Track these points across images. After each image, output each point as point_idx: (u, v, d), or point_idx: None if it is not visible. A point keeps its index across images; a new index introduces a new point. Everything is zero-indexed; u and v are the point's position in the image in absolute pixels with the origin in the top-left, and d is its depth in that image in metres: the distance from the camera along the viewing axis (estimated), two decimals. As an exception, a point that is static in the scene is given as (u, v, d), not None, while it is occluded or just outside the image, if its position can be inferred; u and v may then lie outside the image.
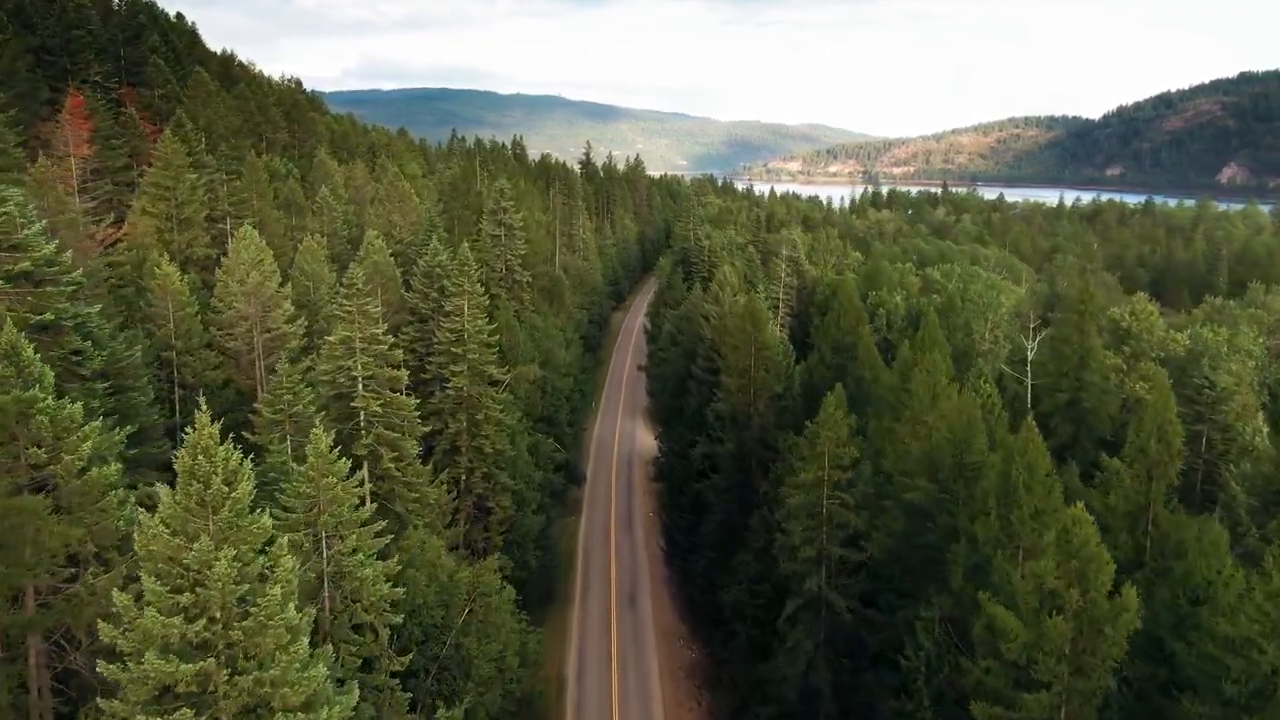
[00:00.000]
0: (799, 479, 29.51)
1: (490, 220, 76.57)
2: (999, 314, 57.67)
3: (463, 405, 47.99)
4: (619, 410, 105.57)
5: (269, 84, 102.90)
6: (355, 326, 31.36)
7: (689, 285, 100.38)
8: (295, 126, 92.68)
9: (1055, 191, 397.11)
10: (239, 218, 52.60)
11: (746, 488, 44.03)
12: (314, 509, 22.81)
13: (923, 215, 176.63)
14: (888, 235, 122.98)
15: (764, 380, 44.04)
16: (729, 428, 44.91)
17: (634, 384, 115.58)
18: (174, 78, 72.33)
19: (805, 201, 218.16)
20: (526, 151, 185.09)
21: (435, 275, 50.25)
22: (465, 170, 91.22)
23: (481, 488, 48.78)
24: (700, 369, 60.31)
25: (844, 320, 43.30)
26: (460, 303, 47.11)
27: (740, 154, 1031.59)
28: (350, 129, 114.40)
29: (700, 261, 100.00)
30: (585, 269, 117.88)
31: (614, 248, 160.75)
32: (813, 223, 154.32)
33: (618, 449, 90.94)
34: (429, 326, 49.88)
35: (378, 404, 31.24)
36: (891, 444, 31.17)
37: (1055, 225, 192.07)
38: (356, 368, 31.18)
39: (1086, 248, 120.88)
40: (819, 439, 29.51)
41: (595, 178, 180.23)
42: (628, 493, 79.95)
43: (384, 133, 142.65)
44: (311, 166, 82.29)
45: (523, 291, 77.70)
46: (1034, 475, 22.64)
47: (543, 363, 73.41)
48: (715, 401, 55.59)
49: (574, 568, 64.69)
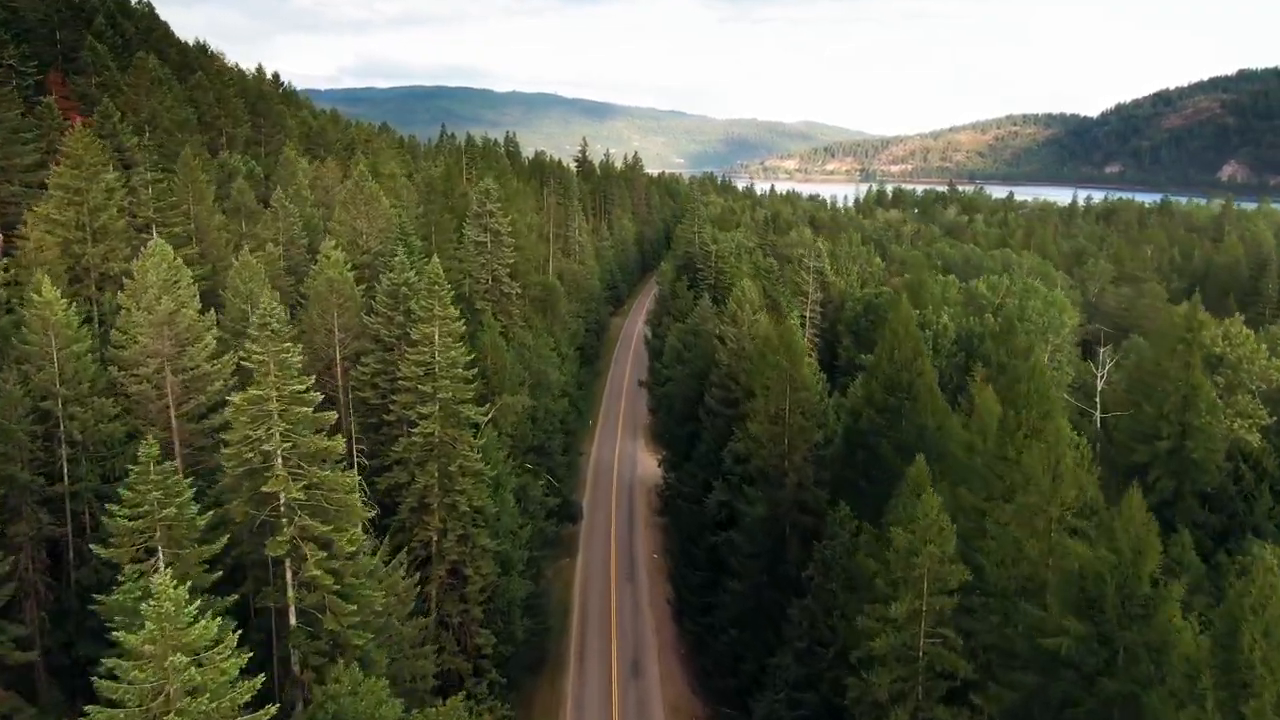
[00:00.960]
0: (885, 611, 21.12)
1: (475, 225, 68.08)
2: (1062, 336, 49.71)
3: (433, 453, 39.62)
4: (618, 428, 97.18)
5: (236, 75, 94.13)
6: (270, 381, 23.00)
7: (695, 294, 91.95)
8: (261, 121, 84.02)
9: (1055, 189, 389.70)
10: (167, 226, 44.13)
11: (779, 558, 35.84)
12: (159, 698, 14.41)
13: (933, 215, 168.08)
14: (904, 238, 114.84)
15: (801, 428, 35.82)
16: (758, 483, 36.66)
17: (634, 398, 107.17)
18: (115, 64, 63.72)
19: (810, 201, 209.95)
20: (520, 149, 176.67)
21: (401, 296, 41.81)
22: (449, 169, 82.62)
23: (457, 553, 40.41)
24: (715, 399, 51.99)
25: (899, 352, 35.08)
26: (429, 330, 38.69)
27: (737, 152, 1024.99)
28: (329, 124, 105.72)
29: (706, 268, 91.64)
30: (581, 274, 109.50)
31: (612, 250, 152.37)
32: (820, 223, 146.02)
33: (618, 474, 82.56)
34: (394, 356, 41.50)
35: (300, 487, 22.90)
36: (997, 542, 22.92)
37: (1071, 225, 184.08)
38: (271, 439, 22.83)
39: (1119, 251, 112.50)
40: (916, 560, 21.09)
41: (592, 176, 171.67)
42: (629, 527, 71.59)
43: (366, 128, 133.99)
44: (277, 165, 73.72)
45: (511, 305, 69.25)
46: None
47: (534, 385, 65.05)
48: (734, 440, 47.31)
49: (569, 625, 56.27)
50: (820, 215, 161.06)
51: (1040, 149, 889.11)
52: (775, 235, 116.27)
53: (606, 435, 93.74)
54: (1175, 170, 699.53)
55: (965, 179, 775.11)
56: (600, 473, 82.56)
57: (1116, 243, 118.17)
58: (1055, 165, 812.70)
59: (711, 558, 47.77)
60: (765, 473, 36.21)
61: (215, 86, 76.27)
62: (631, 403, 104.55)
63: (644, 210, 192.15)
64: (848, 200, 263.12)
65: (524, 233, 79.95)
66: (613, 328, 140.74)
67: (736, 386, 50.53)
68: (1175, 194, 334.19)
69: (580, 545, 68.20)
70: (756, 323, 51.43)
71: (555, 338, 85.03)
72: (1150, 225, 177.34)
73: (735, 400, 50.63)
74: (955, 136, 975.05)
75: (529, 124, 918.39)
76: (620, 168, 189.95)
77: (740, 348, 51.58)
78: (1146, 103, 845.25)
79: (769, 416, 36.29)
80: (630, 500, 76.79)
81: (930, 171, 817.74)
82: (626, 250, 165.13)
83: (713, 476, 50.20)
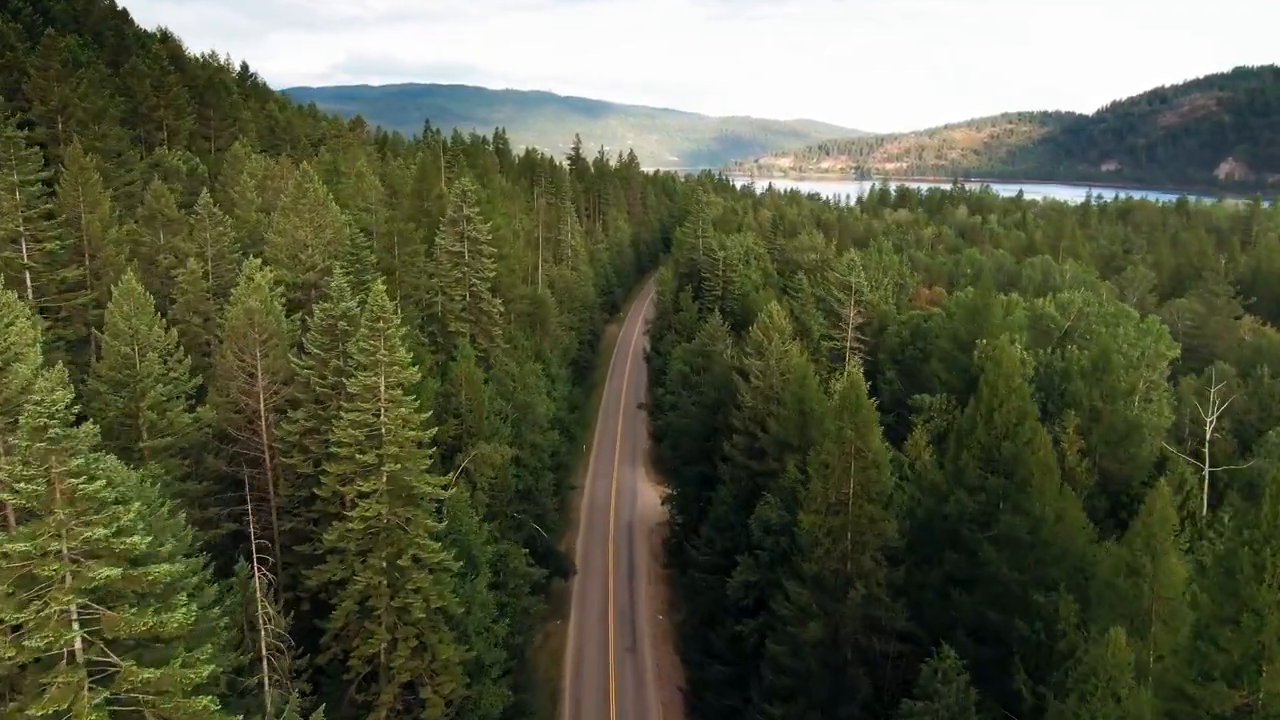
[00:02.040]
0: None
1: (450, 233, 58.50)
2: (1157, 371, 40.71)
3: (379, 541, 30.14)
4: (615, 454, 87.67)
5: (185, 61, 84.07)
6: (51, 525, 13.60)
7: (700, 306, 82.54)
8: (211, 113, 74.17)
9: (1051, 187, 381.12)
10: (40, 241, 34.39)
11: (838, 692, 26.51)
12: None
13: (944, 215, 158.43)
14: (923, 242, 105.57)
15: (871, 519, 26.50)
16: (809, 588, 27.23)
17: (633, 418, 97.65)
18: (21, 45, 53.87)
19: (814, 200, 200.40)
20: (511, 146, 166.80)
21: (339, 332, 32.27)
22: (424, 168, 72.90)
23: (411, 669, 30.93)
24: (737, 448, 42.63)
25: (1000, 413, 25.86)
26: (374, 380, 29.18)
27: (730, 150, 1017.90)
28: (297, 118, 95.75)
29: (713, 276, 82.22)
30: (574, 281, 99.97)
31: (607, 252, 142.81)
32: (827, 225, 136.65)
33: (615, 512, 73.04)
34: (330, 411, 31.98)
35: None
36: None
37: (1087, 226, 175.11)
38: (62, 595, 13.41)
39: (1160, 256, 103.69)
40: None
41: (586, 175, 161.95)
42: (629, 580, 62.08)
43: (338, 123, 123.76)
44: (223, 163, 63.94)
45: (493, 324, 59.70)
46: None
47: (519, 420, 55.58)
48: (763, 504, 38.07)
49: (558, 716, 46.78)
50: (826, 216, 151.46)
51: (1036, 147, 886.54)
52: (783, 238, 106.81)
53: (603, 463, 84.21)
54: (1172, 168, 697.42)
55: (961, 177, 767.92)
56: (595, 510, 73.07)
57: (1160, 249, 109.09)
58: (1051, 163, 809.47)
59: (735, 649, 38.40)
60: (821, 579, 26.82)
61: (154, 73, 66.33)
62: (630, 424, 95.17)
63: (640, 210, 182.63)
64: (849, 199, 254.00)
65: (509, 239, 70.40)
66: (608, 337, 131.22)
67: (763, 434, 41.16)
68: (1174, 193, 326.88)
69: (572, 604, 58.68)
70: (786, 355, 42.06)
71: (545, 358, 75.56)
72: (1171, 226, 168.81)
73: (761, 451, 41.29)
74: (950, 134, 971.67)
75: (523, 122, 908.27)
76: (615, 166, 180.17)
77: (768, 385, 42.23)
78: (1142, 100, 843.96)
79: (824, 502, 27.00)
80: (630, 544, 67.35)
81: (925, 169, 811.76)
82: (622, 253, 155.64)
83: (735, 545, 40.86)
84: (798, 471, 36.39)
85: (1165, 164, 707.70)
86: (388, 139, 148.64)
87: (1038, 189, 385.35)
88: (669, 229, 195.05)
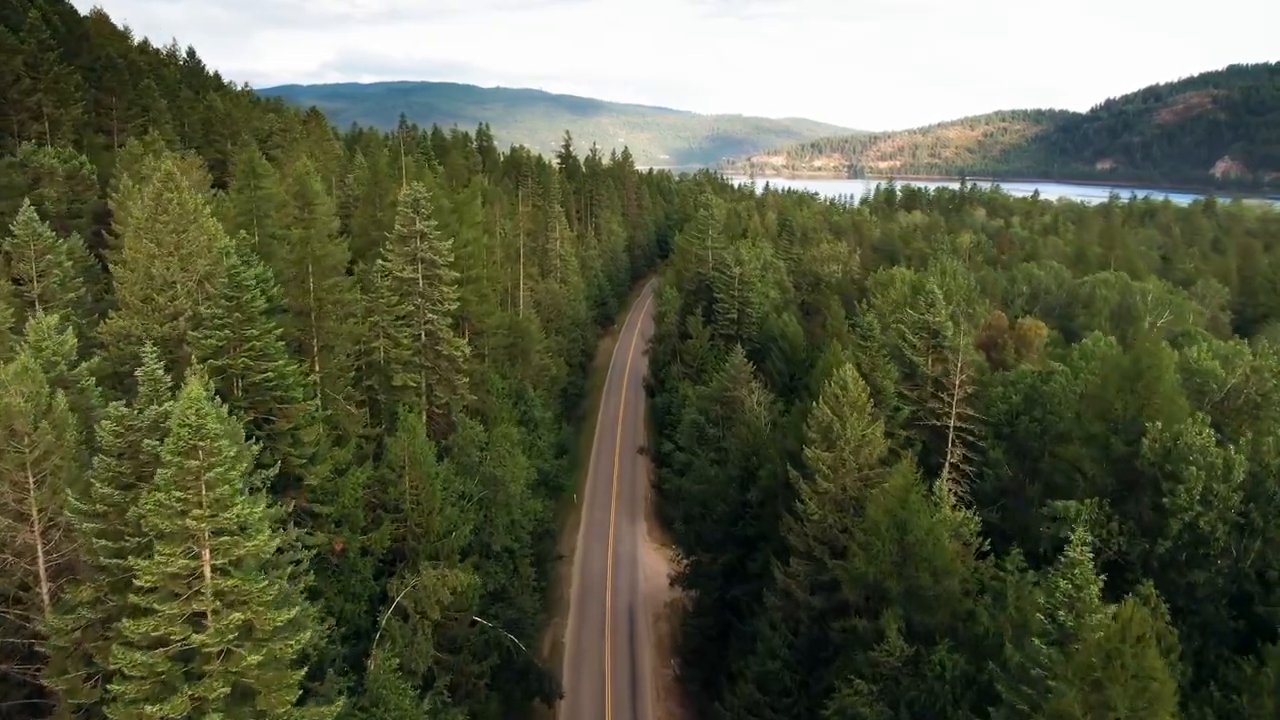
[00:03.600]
0: None
1: (397, 253, 44.81)
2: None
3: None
4: (611, 505, 73.81)
5: (90, 38, 69.77)
6: None
7: (713, 332, 68.91)
8: (114, 100, 60.19)
9: (1047, 185, 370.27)
10: None
11: None
12: None
13: (962, 217, 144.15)
14: (960, 251, 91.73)
15: None
16: None
17: (631, 459, 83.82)
18: None
19: (824, 202, 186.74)
20: (494, 143, 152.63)
21: (144, 460, 18.68)
22: (376, 168, 59.11)
23: None
24: (796, 579, 29.26)
25: None
26: (184, 563, 15.72)
27: (722, 148, 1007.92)
28: (234, 108, 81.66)
29: (727, 297, 68.62)
30: (563, 296, 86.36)
31: (600, 259, 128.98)
32: (841, 229, 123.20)
33: (612, 591, 59.31)
34: (121, 600, 18.51)
35: None
36: None
37: (1113, 229, 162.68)
38: None
39: (1228, 268, 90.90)
40: None
41: (576, 174, 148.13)
42: (632, 696, 48.71)
43: (290, 115, 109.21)
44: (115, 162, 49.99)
45: (455, 372, 46.02)
46: None
47: (487, 504, 42.06)
48: (848, 693, 24.95)
49: None
50: (839, 219, 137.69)
51: (1030, 145, 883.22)
52: (800, 247, 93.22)
53: (596, 520, 70.56)
54: (1168, 166, 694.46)
55: (956, 175, 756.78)
56: (589, 589, 59.52)
57: (1229, 259, 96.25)
58: (1045, 161, 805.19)
59: None
60: None
61: (27, 49, 52.08)
62: (628, 466, 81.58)
63: (635, 212, 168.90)
64: (855, 199, 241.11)
65: (483, 255, 56.69)
66: (601, 352, 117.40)
67: (835, 561, 27.92)
68: (1171, 192, 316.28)
69: (560, 733, 45.37)
70: (868, 443, 28.77)
71: (526, 399, 61.88)
72: (1204, 229, 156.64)
73: (833, 584, 28.08)
74: (944, 132, 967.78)
75: (513, 120, 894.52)
76: (608, 164, 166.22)
77: (839, 488, 28.93)
78: (1136, 98, 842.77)
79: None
80: (632, 640, 53.84)
81: (919, 168, 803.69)
82: (617, 258, 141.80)
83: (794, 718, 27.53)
84: (902, 642, 23.29)
85: (1161, 162, 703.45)
86: (361, 135, 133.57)
87: (1034, 187, 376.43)
88: (665, 231, 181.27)
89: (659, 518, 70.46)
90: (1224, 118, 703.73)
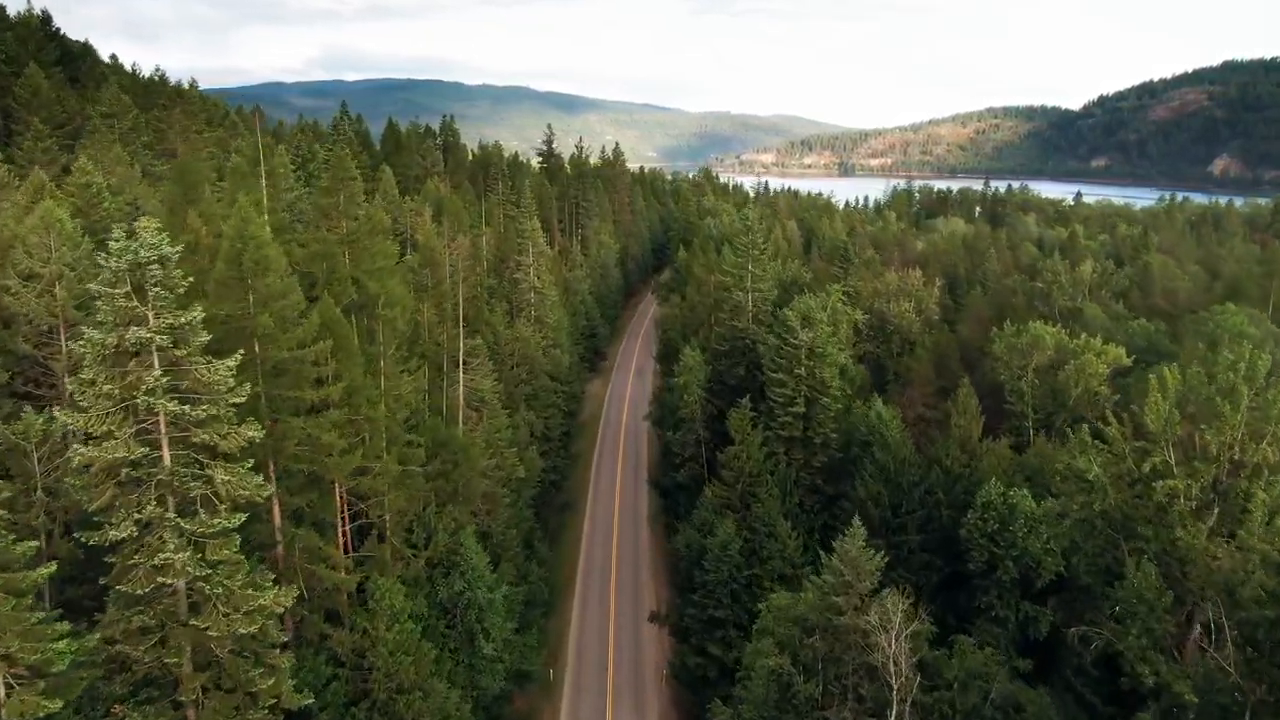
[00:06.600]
0: None
1: (102, 394, 23.53)
2: None
3: None
4: (608, 699, 47.98)
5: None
6: None
7: (766, 435, 44.06)
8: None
9: (1042, 183, 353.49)
10: None
11: None
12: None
13: (1014, 225, 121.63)
14: (1064, 286, 68.22)
15: None
16: None
17: (634, 620, 53.86)
18: None
19: (844, 209, 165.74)
20: (460, 138, 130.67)
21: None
22: (236, 176, 37.71)
23: None
24: None
25: None
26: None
27: (711, 146, 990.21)
28: (161, 91, 60.02)
29: (790, 379, 45.48)
30: (539, 345, 65.03)
31: (588, 280, 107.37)
32: (881, 244, 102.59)
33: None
34: None
35: None
36: None
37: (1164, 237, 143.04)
38: None
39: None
40: None
41: (560, 175, 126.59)
42: None
43: (219, 107, 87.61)
44: None
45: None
46: None
47: None
48: None
49: None
50: (874, 231, 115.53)
51: (1023, 142, 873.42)
52: (855, 278, 70.80)
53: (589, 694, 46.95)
54: (1164, 164, 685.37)
55: (947, 173, 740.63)
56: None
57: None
58: (1039, 159, 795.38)
59: None
60: None
61: None
62: (629, 632, 52.86)
63: (628, 218, 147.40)
64: (867, 201, 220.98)
65: (402, 314, 34.99)
66: (590, 402, 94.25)
67: None
68: (1169, 190, 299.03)
69: None
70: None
71: (463, 575, 39.35)
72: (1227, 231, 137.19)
73: None
74: (935, 130, 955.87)
75: (499, 117, 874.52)
76: (596, 163, 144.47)
77: None
78: (1130, 95, 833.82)
79: None
80: None
81: (911, 165, 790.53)
82: (608, 275, 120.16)
83: None
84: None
85: (1157, 160, 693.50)
86: (311, 128, 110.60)
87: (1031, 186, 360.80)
88: (661, 238, 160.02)
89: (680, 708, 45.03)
90: (1220, 115, 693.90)
